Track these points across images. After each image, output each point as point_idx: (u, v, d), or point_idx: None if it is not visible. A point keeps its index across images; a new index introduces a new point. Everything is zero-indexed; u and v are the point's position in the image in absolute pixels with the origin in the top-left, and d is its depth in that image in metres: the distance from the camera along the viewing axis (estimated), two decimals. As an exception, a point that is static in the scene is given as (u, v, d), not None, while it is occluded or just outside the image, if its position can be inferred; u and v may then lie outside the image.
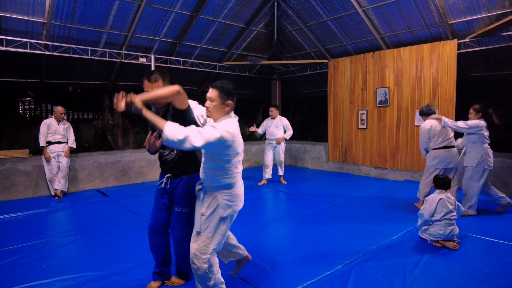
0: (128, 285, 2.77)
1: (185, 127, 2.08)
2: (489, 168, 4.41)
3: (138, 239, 3.82)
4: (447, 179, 3.64)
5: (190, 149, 2.09)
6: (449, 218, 3.48)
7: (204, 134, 2.07)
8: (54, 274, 2.97)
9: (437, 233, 3.50)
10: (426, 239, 3.65)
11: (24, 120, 11.36)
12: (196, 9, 6.96)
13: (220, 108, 2.29)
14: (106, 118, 9.88)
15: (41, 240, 3.82)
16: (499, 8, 5.42)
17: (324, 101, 8.64)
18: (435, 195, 3.62)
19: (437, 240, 3.53)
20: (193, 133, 2.05)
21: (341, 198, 5.64)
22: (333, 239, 3.77)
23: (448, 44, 6.24)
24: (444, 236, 3.47)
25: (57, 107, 5.87)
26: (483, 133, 4.39)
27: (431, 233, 3.56)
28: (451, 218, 3.49)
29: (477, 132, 4.39)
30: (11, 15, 5.65)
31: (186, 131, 2.05)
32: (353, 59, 7.83)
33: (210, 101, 2.29)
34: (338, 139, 8.29)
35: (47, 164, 5.77)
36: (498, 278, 2.83)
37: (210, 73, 9.22)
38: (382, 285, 2.73)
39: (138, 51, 7.51)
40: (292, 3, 7.65)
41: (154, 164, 7.43)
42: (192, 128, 2.09)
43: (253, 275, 2.91)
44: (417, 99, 6.71)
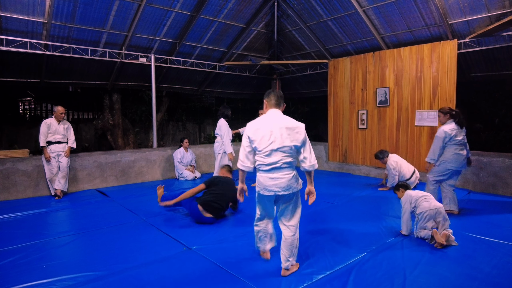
0: (128, 285, 2.77)
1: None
2: (449, 169, 4.48)
3: (138, 239, 3.82)
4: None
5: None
6: (424, 195, 3.71)
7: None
8: (54, 274, 2.97)
9: (427, 233, 3.58)
10: (423, 238, 3.68)
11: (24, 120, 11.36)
12: (196, 9, 6.96)
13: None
14: (106, 118, 9.88)
15: (41, 240, 3.81)
16: (499, 8, 5.42)
17: (324, 101, 8.64)
18: (414, 196, 3.81)
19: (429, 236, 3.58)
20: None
21: (341, 198, 5.64)
22: (333, 239, 3.77)
23: (448, 44, 6.24)
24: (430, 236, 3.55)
25: (57, 107, 5.86)
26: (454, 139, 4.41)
27: (423, 229, 3.66)
28: (425, 195, 3.72)
29: (448, 143, 4.44)
30: (11, 15, 5.65)
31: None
32: (353, 59, 7.82)
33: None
34: (338, 139, 8.29)
35: (47, 164, 5.77)
36: (498, 278, 2.83)
37: (210, 73, 9.22)
38: (382, 285, 2.72)
39: (138, 51, 7.52)
40: (292, 3, 7.65)
41: (154, 164, 7.43)
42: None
43: (253, 275, 2.91)
44: (417, 99, 6.71)
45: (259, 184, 2.81)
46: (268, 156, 2.70)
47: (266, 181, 2.75)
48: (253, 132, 2.73)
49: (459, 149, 4.44)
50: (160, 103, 10.89)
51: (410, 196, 3.78)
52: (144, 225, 4.30)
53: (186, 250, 3.49)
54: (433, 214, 3.54)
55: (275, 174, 2.71)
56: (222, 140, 6.13)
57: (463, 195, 5.71)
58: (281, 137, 2.67)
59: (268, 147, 2.68)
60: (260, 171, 2.79)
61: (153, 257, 3.31)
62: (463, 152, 4.47)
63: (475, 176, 6.06)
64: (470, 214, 4.65)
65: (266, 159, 2.71)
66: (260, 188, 2.80)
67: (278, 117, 2.77)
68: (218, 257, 3.29)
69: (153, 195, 6.01)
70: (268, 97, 2.87)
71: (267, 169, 2.73)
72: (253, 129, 2.75)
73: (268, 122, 2.74)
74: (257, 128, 2.73)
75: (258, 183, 2.83)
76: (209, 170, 8.21)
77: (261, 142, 2.70)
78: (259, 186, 2.82)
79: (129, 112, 11.20)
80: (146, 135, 11.68)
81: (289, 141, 2.68)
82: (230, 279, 2.85)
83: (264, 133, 2.69)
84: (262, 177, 2.78)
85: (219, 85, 10.12)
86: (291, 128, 2.71)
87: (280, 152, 2.69)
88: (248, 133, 2.76)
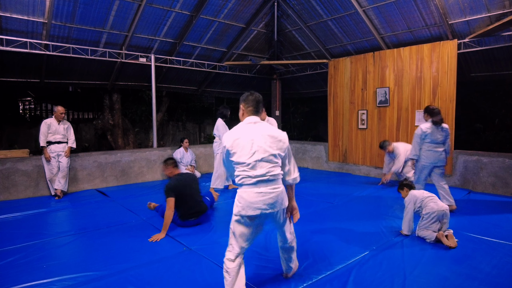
0: (128, 285, 2.77)
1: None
2: (424, 165, 4.80)
3: (138, 239, 3.81)
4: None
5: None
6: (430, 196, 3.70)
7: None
8: (54, 274, 2.96)
9: (431, 234, 3.57)
10: (424, 238, 3.67)
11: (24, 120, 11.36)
12: (196, 9, 6.96)
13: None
14: (106, 118, 9.88)
15: (41, 240, 3.81)
16: (499, 8, 5.42)
17: (324, 101, 8.64)
18: (418, 195, 3.80)
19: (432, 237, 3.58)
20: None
21: (341, 198, 5.64)
22: (333, 239, 3.77)
23: (448, 44, 6.24)
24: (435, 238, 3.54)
25: (57, 107, 5.86)
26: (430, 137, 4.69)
27: (427, 228, 3.66)
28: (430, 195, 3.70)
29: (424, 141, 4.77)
30: (11, 15, 5.65)
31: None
32: (353, 59, 7.83)
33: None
34: (338, 139, 8.29)
35: (47, 164, 5.77)
36: (498, 278, 2.83)
37: (210, 73, 9.22)
38: (382, 285, 2.72)
39: (138, 51, 7.52)
40: (292, 3, 7.65)
41: (154, 164, 7.43)
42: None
43: (253, 275, 2.91)
44: (417, 99, 6.71)
45: (241, 203, 2.37)
46: (253, 168, 2.33)
47: (251, 197, 2.33)
48: (232, 142, 2.36)
49: (433, 146, 4.71)
50: (160, 103, 10.89)
51: (415, 196, 3.77)
52: (144, 225, 4.30)
53: (186, 250, 3.49)
54: (440, 215, 3.54)
55: (262, 188, 2.33)
56: (220, 140, 6.13)
57: (463, 195, 5.71)
58: (264, 145, 2.35)
59: (251, 158, 2.33)
60: (244, 186, 2.37)
61: (153, 257, 3.31)
62: (439, 149, 4.71)
63: (475, 176, 6.06)
64: (470, 214, 4.65)
65: (251, 172, 2.34)
66: (242, 207, 2.36)
67: (259, 125, 2.43)
68: (218, 257, 3.29)
69: (153, 195, 6.01)
70: (246, 102, 2.50)
71: (252, 182, 2.33)
72: (231, 140, 2.37)
73: (248, 130, 2.39)
74: (236, 137, 2.36)
75: (239, 202, 2.39)
76: (209, 170, 8.21)
77: (242, 152, 2.34)
78: (240, 206, 2.37)
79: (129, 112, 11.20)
80: (146, 135, 11.68)
81: (273, 149, 2.37)
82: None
83: (244, 143, 2.34)
84: (246, 192, 2.35)
85: (219, 85, 10.12)
86: (274, 136, 2.39)
87: (265, 163, 2.34)
88: (227, 145, 2.38)
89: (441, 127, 4.69)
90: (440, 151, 4.71)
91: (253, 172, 2.34)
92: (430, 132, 4.67)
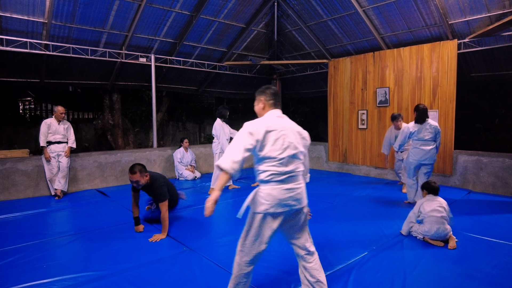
0: (128, 285, 2.77)
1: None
2: (411, 162, 5.01)
3: (138, 239, 3.81)
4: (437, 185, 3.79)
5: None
6: (434, 216, 3.54)
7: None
8: (54, 274, 2.96)
9: (423, 231, 3.60)
10: (416, 236, 3.71)
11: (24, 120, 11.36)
12: (196, 9, 6.96)
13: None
14: (106, 118, 9.88)
15: (41, 240, 3.81)
16: (499, 8, 5.42)
17: (324, 101, 8.64)
18: (422, 199, 3.76)
19: (423, 237, 3.62)
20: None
21: (341, 198, 5.64)
22: (333, 239, 3.77)
23: (448, 44, 6.24)
24: (431, 235, 3.54)
25: (57, 107, 5.86)
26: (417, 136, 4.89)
27: (417, 230, 3.68)
28: (438, 216, 3.53)
29: (412, 139, 5.00)
30: (11, 15, 5.65)
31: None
32: (353, 59, 7.83)
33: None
34: (338, 139, 8.29)
35: (47, 164, 5.77)
36: (498, 278, 2.83)
37: (210, 73, 9.22)
38: (382, 285, 2.72)
39: (138, 51, 7.52)
40: (292, 3, 7.65)
41: (154, 164, 7.43)
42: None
43: (254, 275, 2.90)
44: (417, 99, 6.71)
45: (268, 200, 2.18)
46: (284, 165, 2.22)
47: (280, 194, 2.19)
48: (263, 135, 2.18)
49: (419, 144, 4.88)
50: (160, 103, 10.89)
51: (421, 202, 3.74)
52: (144, 225, 4.30)
53: (186, 250, 3.49)
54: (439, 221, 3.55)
55: (290, 184, 2.24)
56: (218, 140, 6.14)
57: (463, 195, 5.71)
58: (294, 141, 2.27)
59: (284, 153, 2.21)
60: (272, 183, 2.21)
61: (153, 257, 3.31)
62: (426, 148, 4.85)
63: (475, 176, 6.06)
64: (470, 214, 4.65)
65: (282, 168, 2.21)
66: (271, 205, 2.18)
67: (286, 120, 2.37)
68: (218, 257, 3.30)
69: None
70: (266, 95, 2.39)
71: (281, 178, 2.21)
72: (262, 131, 2.18)
73: (279, 124, 2.27)
74: (268, 130, 2.20)
75: (265, 200, 2.19)
76: (209, 170, 8.21)
77: (274, 147, 2.19)
78: (267, 204, 2.18)
79: (129, 112, 11.20)
80: (146, 135, 11.68)
81: (301, 146, 2.32)
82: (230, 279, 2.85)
83: (277, 136, 2.21)
84: (275, 189, 2.20)
85: (219, 85, 10.12)
86: (300, 133, 2.36)
87: (295, 159, 2.27)
88: (257, 135, 2.17)
89: (429, 124, 4.82)
90: (427, 149, 4.85)
91: (283, 168, 2.22)
92: (416, 130, 4.85)
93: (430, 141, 4.84)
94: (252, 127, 2.20)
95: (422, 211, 3.65)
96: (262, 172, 2.23)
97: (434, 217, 3.53)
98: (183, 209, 5.02)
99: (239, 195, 5.94)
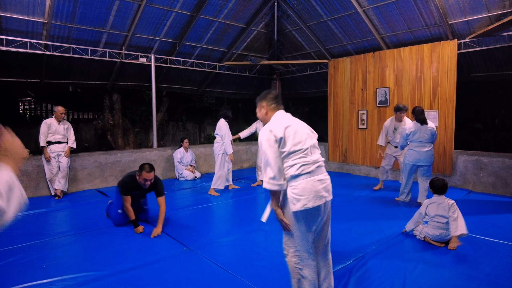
0: (128, 285, 2.77)
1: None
2: (406, 163, 5.11)
3: (138, 239, 3.82)
4: (442, 183, 3.65)
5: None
6: (439, 221, 3.51)
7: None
8: (54, 274, 2.96)
9: (426, 233, 3.60)
10: (416, 235, 3.72)
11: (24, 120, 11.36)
12: (196, 9, 6.96)
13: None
14: (106, 118, 9.88)
15: (41, 240, 3.81)
16: (499, 8, 5.42)
17: (324, 101, 8.64)
18: (429, 200, 3.71)
19: (424, 237, 3.62)
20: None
21: (341, 198, 5.64)
22: (333, 239, 3.74)
23: (448, 44, 6.24)
24: (433, 237, 3.54)
25: (58, 107, 5.86)
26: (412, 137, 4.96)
27: (420, 230, 3.67)
28: (442, 222, 3.50)
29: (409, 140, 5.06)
30: (11, 15, 5.65)
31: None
32: (353, 59, 7.83)
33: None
34: (338, 139, 8.29)
35: (47, 164, 5.77)
36: (498, 278, 2.83)
37: (210, 73, 9.22)
38: (382, 285, 2.72)
39: (138, 51, 7.52)
40: (292, 3, 7.65)
41: (154, 164, 7.39)
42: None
43: (254, 275, 2.91)
44: (417, 99, 6.71)
45: (305, 195, 2.11)
46: (310, 154, 2.19)
47: (315, 185, 2.13)
48: (283, 131, 2.16)
49: (414, 145, 4.94)
50: (160, 103, 10.89)
51: (426, 203, 3.70)
52: (144, 225, 4.30)
53: (186, 250, 3.49)
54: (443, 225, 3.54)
55: (320, 175, 2.19)
56: (223, 140, 6.06)
57: (463, 195, 5.71)
58: (309, 132, 2.30)
59: (306, 143, 2.19)
60: (304, 175, 2.14)
61: (153, 257, 3.31)
62: (422, 149, 4.88)
63: (475, 176, 6.06)
64: (470, 214, 4.64)
65: (309, 157, 2.17)
66: (308, 199, 2.10)
67: (292, 116, 2.37)
68: (218, 257, 3.30)
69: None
70: (267, 100, 2.38)
71: (312, 169, 2.16)
72: (282, 128, 2.18)
73: (290, 118, 2.31)
74: (286, 125, 2.20)
75: (301, 195, 2.11)
76: (209, 170, 8.21)
77: (295, 138, 2.16)
78: (304, 199, 2.10)
79: (129, 112, 11.20)
80: (146, 135, 11.68)
81: (313, 138, 2.32)
82: (230, 279, 2.85)
83: (296, 129, 2.21)
84: (308, 182, 2.13)
85: (219, 85, 10.12)
86: (309, 127, 2.38)
87: (315, 149, 2.26)
88: (277, 133, 2.15)
89: (427, 126, 4.85)
90: (422, 151, 4.88)
91: (310, 157, 2.19)
92: (412, 131, 4.90)
93: (426, 143, 4.87)
94: (270, 131, 2.19)
95: (428, 213, 3.63)
96: (291, 167, 2.16)
97: (439, 223, 3.51)
98: (183, 209, 5.02)
99: (239, 195, 5.94)
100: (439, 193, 3.64)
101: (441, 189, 3.63)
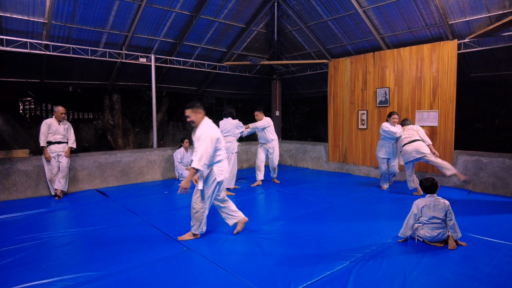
0: (128, 285, 2.77)
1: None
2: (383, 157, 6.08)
3: (138, 239, 3.82)
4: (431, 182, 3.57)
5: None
6: (436, 222, 3.47)
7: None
8: (54, 274, 2.97)
9: (424, 235, 3.54)
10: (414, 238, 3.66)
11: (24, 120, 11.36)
12: (196, 9, 6.96)
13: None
14: (106, 118, 9.88)
15: (41, 240, 3.81)
16: (499, 8, 5.43)
17: (324, 101, 8.64)
18: (420, 200, 3.59)
19: (423, 240, 3.59)
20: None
21: (341, 198, 5.64)
22: (333, 239, 3.77)
23: (448, 44, 6.24)
24: (431, 239, 3.51)
25: (58, 107, 5.86)
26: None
27: (419, 235, 3.60)
28: (438, 222, 3.46)
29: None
30: (11, 15, 5.65)
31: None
32: (353, 59, 7.83)
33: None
34: (338, 139, 8.29)
35: (47, 164, 5.77)
36: (498, 278, 2.83)
37: (210, 73, 9.22)
38: (382, 285, 2.72)
39: (138, 51, 7.52)
40: (292, 3, 7.65)
41: (154, 164, 7.43)
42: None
43: (254, 275, 2.90)
44: (417, 99, 6.71)
45: (223, 171, 3.79)
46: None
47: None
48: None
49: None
50: (160, 103, 10.89)
51: (417, 203, 3.61)
52: (144, 225, 4.30)
53: (186, 250, 3.49)
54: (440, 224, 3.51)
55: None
56: (242, 135, 6.41)
57: (463, 195, 5.71)
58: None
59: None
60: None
61: (153, 257, 3.31)
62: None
63: (475, 176, 6.06)
64: (470, 214, 4.65)
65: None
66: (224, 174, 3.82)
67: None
68: (218, 257, 3.30)
69: (153, 195, 6.02)
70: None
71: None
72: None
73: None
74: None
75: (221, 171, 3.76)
76: (209, 170, 8.19)
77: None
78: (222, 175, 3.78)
79: (129, 112, 11.20)
80: (146, 135, 11.68)
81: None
82: (230, 279, 2.85)
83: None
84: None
85: (219, 85, 10.12)
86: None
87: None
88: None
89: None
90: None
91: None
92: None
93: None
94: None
95: (423, 215, 3.53)
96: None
97: (436, 224, 3.47)
98: (183, 209, 5.02)
99: (239, 195, 5.95)
100: (431, 192, 3.56)
101: (430, 188, 3.55)
